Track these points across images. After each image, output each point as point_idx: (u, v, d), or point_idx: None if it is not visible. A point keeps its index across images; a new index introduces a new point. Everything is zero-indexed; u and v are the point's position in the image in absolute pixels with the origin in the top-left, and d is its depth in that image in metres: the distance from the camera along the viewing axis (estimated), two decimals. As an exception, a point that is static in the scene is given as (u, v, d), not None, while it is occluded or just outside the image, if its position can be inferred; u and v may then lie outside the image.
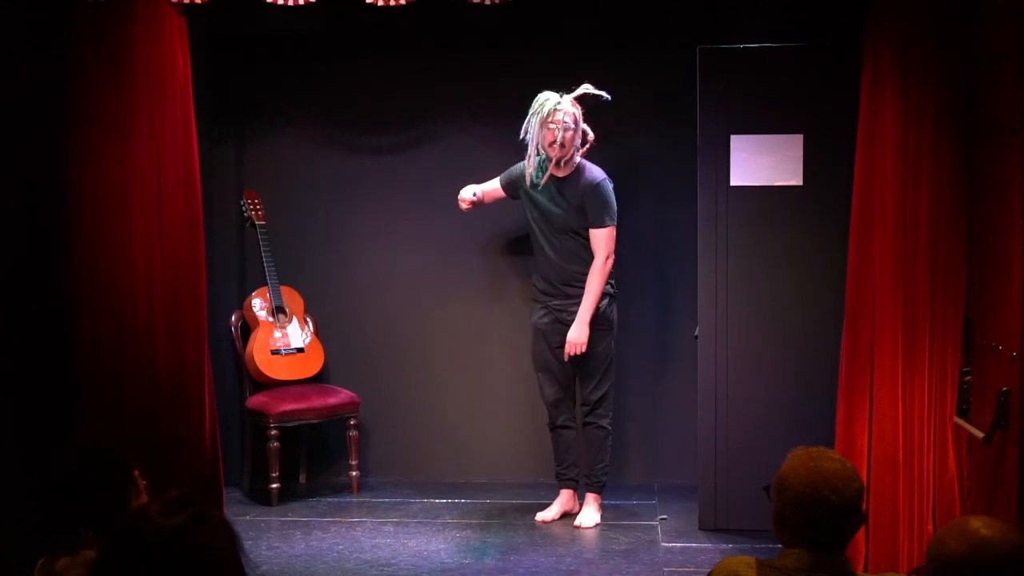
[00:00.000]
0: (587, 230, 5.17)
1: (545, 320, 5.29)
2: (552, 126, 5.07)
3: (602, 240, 5.16)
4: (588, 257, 5.19)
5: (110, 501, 2.63)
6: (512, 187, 5.40)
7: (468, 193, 5.36)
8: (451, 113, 5.99)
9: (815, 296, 5.07)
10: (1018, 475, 3.70)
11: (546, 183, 5.20)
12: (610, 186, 5.20)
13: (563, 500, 5.41)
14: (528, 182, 5.24)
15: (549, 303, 5.27)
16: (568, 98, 5.11)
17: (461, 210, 5.40)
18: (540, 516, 5.37)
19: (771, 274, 5.12)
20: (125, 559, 1.88)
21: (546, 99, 5.10)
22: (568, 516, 5.37)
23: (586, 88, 5.13)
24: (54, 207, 4.61)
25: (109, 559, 1.91)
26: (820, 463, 2.40)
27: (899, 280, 4.29)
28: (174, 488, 2.01)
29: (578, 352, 5.17)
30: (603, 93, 5.15)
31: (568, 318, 5.21)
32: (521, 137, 5.16)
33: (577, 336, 5.16)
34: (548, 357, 5.30)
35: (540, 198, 5.23)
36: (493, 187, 5.48)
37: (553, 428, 5.38)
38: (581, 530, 5.22)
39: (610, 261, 5.19)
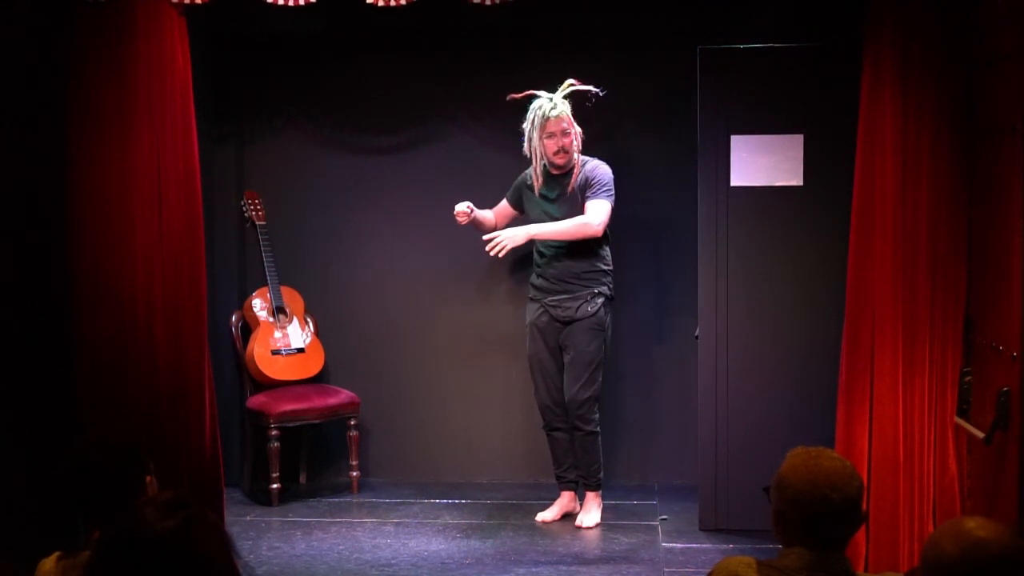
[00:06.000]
0: None
1: (541, 319, 5.27)
2: (551, 135, 5.06)
3: (597, 207, 5.09)
4: (590, 253, 5.17)
5: (118, 499, 2.60)
6: (517, 197, 5.38)
7: (463, 205, 5.25)
8: (451, 113, 5.99)
9: (815, 296, 5.07)
10: (1018, 475, 3.70)
11: (550, 182, 5.20)
12: (610, 171, 5.17)
13: (563, 501, 5.40)
14: (536, 193, 5.22)
15: (545, 300, 5.24)
16: (560, 100, 5.08)
17: (459, 224, 5.32)
18: (540, 516, 5.36)
19: (771, 274, 5.12)
20: (117, 561, 1.88)
21: (538, 107, 5.07)
22: (568, 516, 5.37)
23: (572, 85, 5.12)
24: (54, 207, 4.61)
25: (101, 560, 1.91)
26: (820, 461, 2.40)
27: (899, 280, 4.28)
28: (169, 489, 2.00)
29: (495, 246, 5.05)
30: (591, 87, 5.14)
31: (563, 315, 5.19)
32: (525, 150, 5.15)
33: (509, 234, 5.08)
34: (544, 357, 5.28)
35: (544, 196, 5.22)
36: (502, 207, 5.45)
37: (549, 431, 5.37)
38: (581, 530, 5.21)
39: (595, 229, 5.06)
